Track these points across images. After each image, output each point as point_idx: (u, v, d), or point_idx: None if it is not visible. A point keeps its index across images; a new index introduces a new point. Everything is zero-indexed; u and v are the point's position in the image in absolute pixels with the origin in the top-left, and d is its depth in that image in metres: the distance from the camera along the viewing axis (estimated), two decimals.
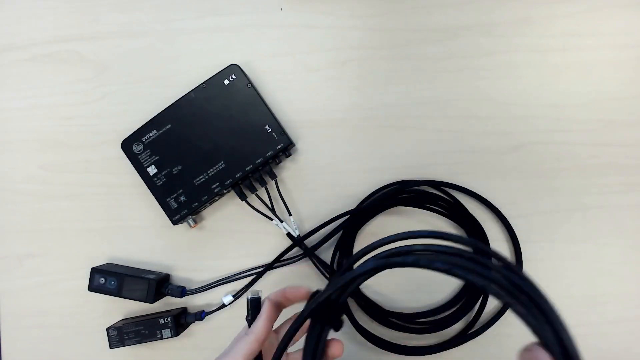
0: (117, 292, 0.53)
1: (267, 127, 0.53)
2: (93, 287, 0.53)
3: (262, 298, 0.42)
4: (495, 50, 0.55)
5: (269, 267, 0.54)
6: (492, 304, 0.54)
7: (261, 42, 0.57)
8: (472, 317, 0.53)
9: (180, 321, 0.54)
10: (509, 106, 0.54)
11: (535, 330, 0.26)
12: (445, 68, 0.55)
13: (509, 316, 0.53)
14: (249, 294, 0.42)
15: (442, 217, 0.54)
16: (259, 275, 0.54)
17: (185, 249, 0.56)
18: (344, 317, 0.40)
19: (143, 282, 0.52)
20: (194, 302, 0.56)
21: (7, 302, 0.57)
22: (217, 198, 0.55)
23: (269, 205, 0.54)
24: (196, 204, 0.53)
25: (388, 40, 0.56)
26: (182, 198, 0.53)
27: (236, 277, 0.55)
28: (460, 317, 0.52)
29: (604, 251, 0.53)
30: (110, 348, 0.53)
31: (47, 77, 0.58)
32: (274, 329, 0.43)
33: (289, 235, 0.54)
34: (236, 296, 0.55)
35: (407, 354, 0.53)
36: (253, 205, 0.54)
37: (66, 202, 0.57)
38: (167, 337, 0.53)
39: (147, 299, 0.52)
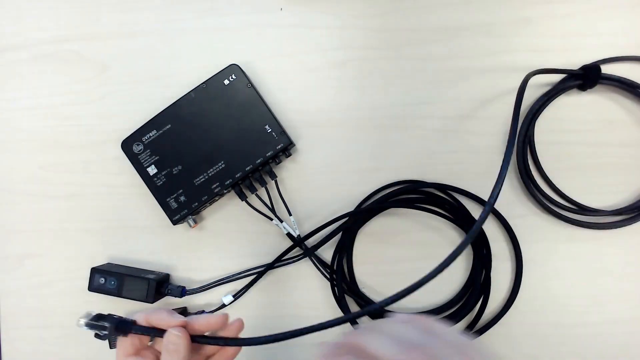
0: (117, 292, 0.53)
1: (267, 127, 0.53)
2: (93, 287, 0.53)
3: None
4: (495, 50, 0.55)
5: (269, 267, 0.54)
6: (494, 304, 0.54)
7: (261, 42, 0.57)
8: (473, 317, 0.53)
9: None
10: (508, 106, 0.54)
11: None
12: (445, 68, 0.55)
13: (510, 316, 0.53)
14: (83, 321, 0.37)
15: (443, 218, 0.54)
16: (259, 275, 0.54)
17: (185, 249, 0.56)
18: None
19: (143, 282, 0.52)
20: (194, 302, 0.56)
21: (7, 302, 0.57)
22: (217, 198, 0.55)
23: (269, 205, 0.54)
24: (196, 204, 0.53)
25: (388, 40, 0.56)
26: (182, 198, 0.53)
27: (236, 277, 0.55)
28: (461, 317, 0.52)
29: (604, 251, 0.53)
30: (111, 348, 0.53)
31: (47, 77, 0.58)
32: None
33: (289, 235, 0.54)
34: (236, 296, 0.55)
35: None
36: (253, 205, 0.54)
37: (66, 202, 0.57)
38: None
39: (147, 299, 0.52)
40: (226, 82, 0.53)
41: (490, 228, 0.54)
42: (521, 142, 0.53)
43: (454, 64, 0.55)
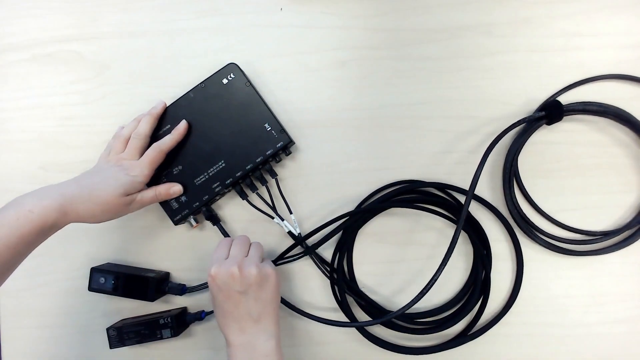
0: (117, 291, 0.53)
1: (266, 125, 0.53)
2: (93, 287, 0.53)
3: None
4: (495, 50, 0.55)
5: None
6: (494, 304, 0.54)
7: (261, 42, 0.57)
8: (472, 317, 0.53)
9: (180, 321, 0.54)
10: (509, 106, 0.54)
11: None
12: (445, 68, 0.55)
13: (509, 317, 0.53)
14: None
15: (443, 218, 0.54)
16: None
17: (186, 248, 0.56)
18: None
19: (143, 280, 0.52)
20: (194, 301, 0.56)
21: (7, 302, 0.57)
22: (218, 197, 0.55)
23: (270, 203, 0.54)
24: (197, 203, 0.53)
25: (388, 40, 0.56)
26: (183, 198, 0.53)
27: None
28: (460, 318, 0.52)
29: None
30: (111, 348, 0.53)
31: (47, 77, 0.58)
32: None
33: (290, 233, 0.54)
34: None
35: (407, 353, 0.53)
36: (254, 204, 0.54)
37: None
38: (167, 337, 0.53)
39: (148, 297, 0.52)
40: (225, 81, 0.53)
41: (490, 228, 0.54)
42: (507, 189, 0.53)
43: (454, 64, 0.55)
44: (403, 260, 0.55)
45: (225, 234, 0.54)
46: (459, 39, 0.55)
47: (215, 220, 0.54)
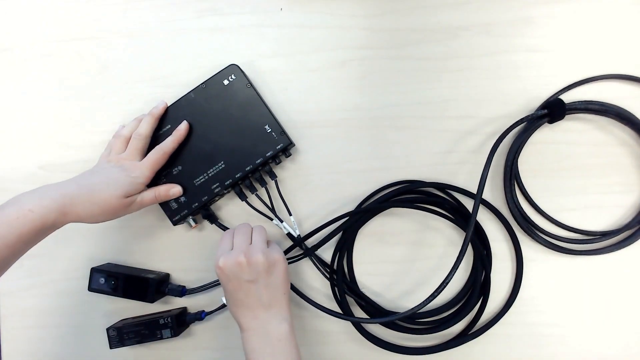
0: (117, 292, 0.53)
1: (266, 127, 0.53)
2: (93, 287, 0.53)
3: None
4: (495, 50, 0.55)
5: None
6: (494, 304, 0.54)
7: (261, 42, 0.57)
8: (473, 317, 0.53)
9: (180, 321, 0.54)
10: (509, 106, 0.54)
11: None
12: (445, 68, 0.55)
13: (509, 317, 0.53)
14: None
15: (442, 218, 0.54)
16: None
17: (185, 249, 0.56)
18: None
19: (143, 282, 0.52)
20: (194, 302, 0.56)
21: (7, 302, 0.57)
22: (217, 198, 0.55)
23: (269, 205, 0.54)
24: (196, 204, 0.53)
25: (388, 40, 0.56)
26: (182, 198, 0.53)
27: None
28: (460, 318, 0.52)
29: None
30: (111, 348, 0.53)
31: (48, 76, 0.58)
32: None
33: (289, 235, 0.54)
34: None
35: (407, 353, 0.53)
36: (253, 205, 0.54)
37: None
38: (167, 337, 0.53)
39: (147, 298, 0.52)
40: (226, 82, 0.53)
41: (490, 228, 0.54)
42: (508, 188, 0.53)
43: (454, 64, 0.55)
44: (403, 260, 0.55)
45: (225, 230, 0.54)
46: (459, 39, 0.55)
47: (213, 218, 0.54)
